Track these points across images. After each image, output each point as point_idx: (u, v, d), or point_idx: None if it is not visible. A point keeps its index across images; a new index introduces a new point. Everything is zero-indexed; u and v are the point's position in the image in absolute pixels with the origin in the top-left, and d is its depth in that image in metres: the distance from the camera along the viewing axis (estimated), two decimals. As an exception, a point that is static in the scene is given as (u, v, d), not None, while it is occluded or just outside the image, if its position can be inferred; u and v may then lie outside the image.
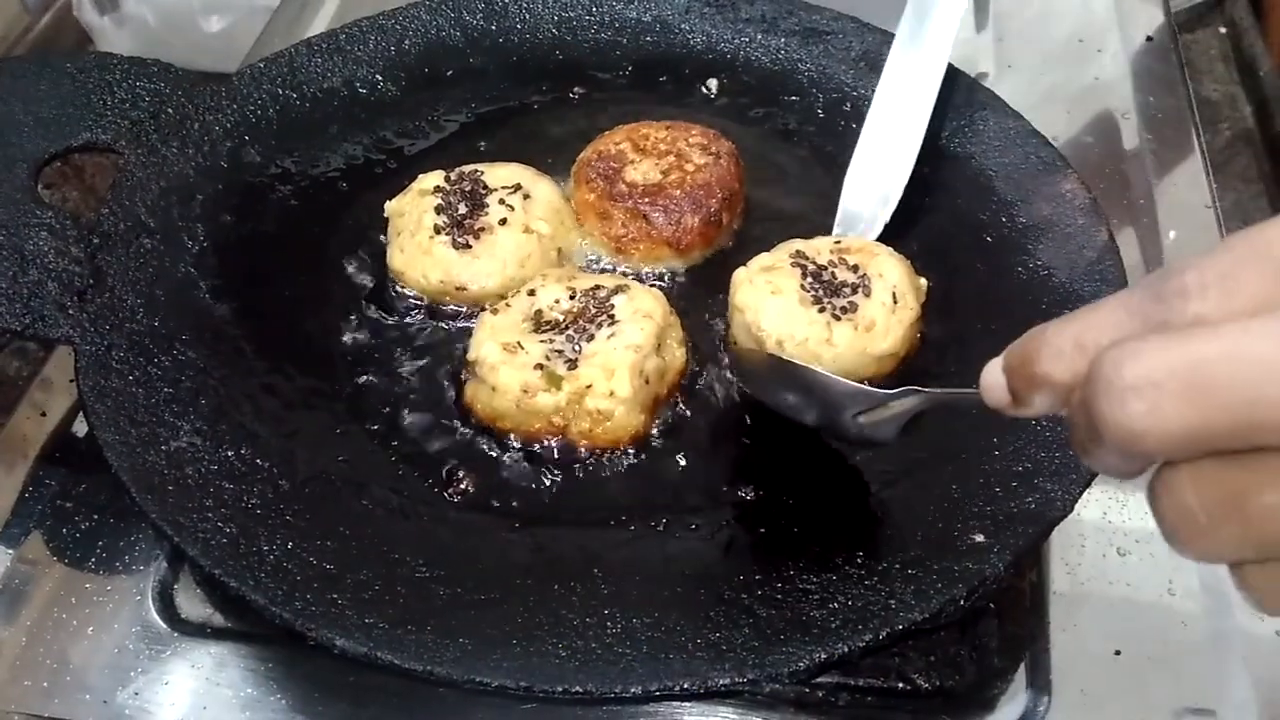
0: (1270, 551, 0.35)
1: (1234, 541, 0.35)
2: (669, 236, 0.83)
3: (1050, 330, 0.40)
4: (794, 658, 0.58)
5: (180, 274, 0.81)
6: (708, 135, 0.89)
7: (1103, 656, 0.69)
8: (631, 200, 0.84)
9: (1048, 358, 0.40)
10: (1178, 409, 0.34)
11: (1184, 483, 0.36)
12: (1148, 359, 0.34)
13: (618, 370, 0.71)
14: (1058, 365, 0.40)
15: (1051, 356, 0.40)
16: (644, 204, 0.84)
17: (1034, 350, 0.40)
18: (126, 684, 0.68)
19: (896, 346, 0.75)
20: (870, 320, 0.74)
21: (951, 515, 0.66)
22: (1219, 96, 1.16)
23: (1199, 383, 0.33)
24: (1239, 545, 0.36)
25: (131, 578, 0.73)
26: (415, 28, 1.00)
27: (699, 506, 0.69)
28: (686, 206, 0.84)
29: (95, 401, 0.69)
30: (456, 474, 0.71)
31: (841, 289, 0.75)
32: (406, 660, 0.58)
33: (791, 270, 0.76)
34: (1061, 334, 0.40)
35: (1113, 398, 0.35)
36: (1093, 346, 0.37)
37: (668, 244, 0.83)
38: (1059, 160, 0.86)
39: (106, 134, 0.86)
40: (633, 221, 0.84)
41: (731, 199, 0.86)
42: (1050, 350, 0.40)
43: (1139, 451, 0.35)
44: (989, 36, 1.16)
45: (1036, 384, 0.41)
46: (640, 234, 0.84)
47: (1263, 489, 0.34)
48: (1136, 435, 0.34)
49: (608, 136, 0.90)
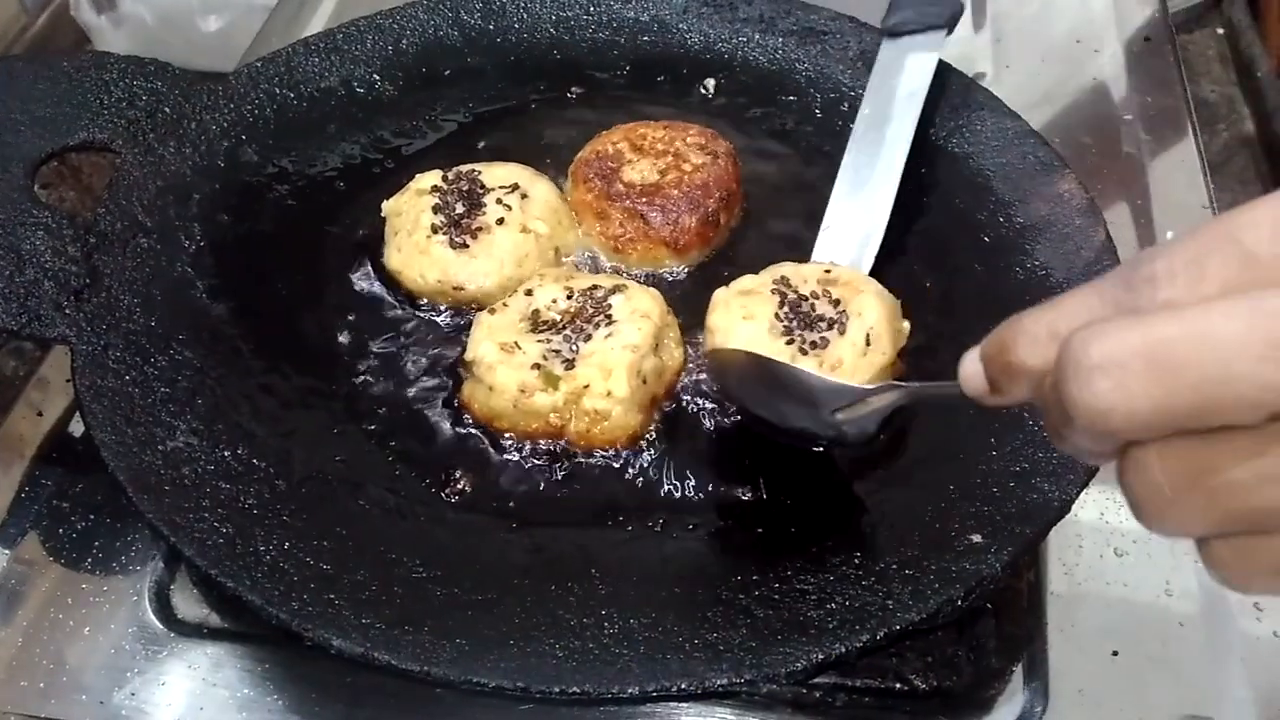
0: (1233, 526, 0.36)
1: (1199, 516, 0.36)
2: (666, 237, 0.83)
3: (1026, 319, 0.41)
4: (791, 658, 0.58)
5: (177, 273, 0.80)
6: (705, 135, 0.89)
7: (1100, 657, 0.69)
8: (629, 200, 0.84)
9: (1023, 346, 0.40)
10: (1143, 388, 0.34)
11: (1151, 460, 0.36)
12: (1113, 339, 0.35)
13: (615, 370, 0.71)
14: (1033, 352, 0.40)
15: (1027, 344, 0.40)
16: (641, 204, 0.84)
17: (1010, 339, 0.41)
18: (123, 684, 0.68)
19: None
20: (838, 359, 0.72)
21: (949, 516, 0.65)
22: (1216, 97, 1.16)
23: (1163, 362, 0.34)
24: (1203, 520, 0.36)
25: (128, 578, 0.73)
26: (413, 27, 1.00)
27: (696, 507, 0.69)
28: (684, 207, 0.84)
29: (92, 401, 0.69)
30: (454, 474, 0.71)
31: (817, 323, 0.73)
32: (403, 661, 0.58)
33: (770, 297, 0.75)
34: (1037, 322, 0.40)
35: (1080, 378, 0.35)
36: (1065, 333, 0.38)
37: (665, 244, 0.83)
38: (1056, 160, 0.86)
39: (103, 133, 0.86)
40: (630, 221, 0.84)
41: (729, 199, 0.86)
42: (1026, 338, 0.40)
43: (1106, 430, 0.36)
44: (987, 36, 1.16)
45: (1013, 372, 0.41)
46: (638, 234, 0.84)
47: (1226, 466, 0.35)
48: (1103, 414, 0.35)
49: (605, 136, 0.90)
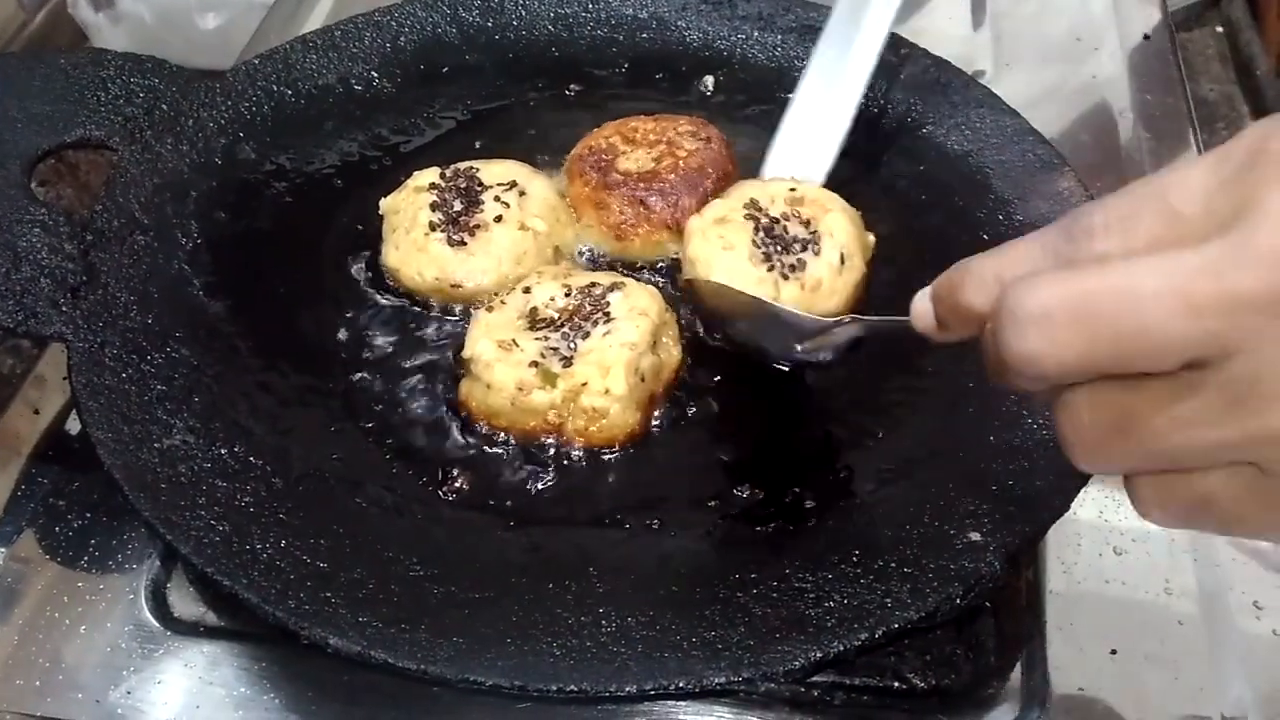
0: (1154, 464, 0.40)
1: (1122, 455, 0.40)
2: (668, 219, 0.83)
3: (974, 263, 0.44)
4: (789, 656, 0.58)
5: (174, 271, 0.80)
6: (695, 123, 0.90)
7: (1099, 656, 0.69)
8: (627, 188, 0.84)
9: (970, 287, 0.44)
10: (1069, 338, 0.37)
11: (1080, 403, 0.40)
12: (1044, 291, 0.38)
13: (613, 368, 0.71)
14: (979, 295, 0.43)
15: (974, 286, 0.44)
16: (640, 190, 0.84)
17: (959, 280, 0.45)
18: (119, 683, 0.67)
19: (841, 305, 0.78)
20: (817, 280, 0.77)
21: (947, 514, 0.65)
22: (1216, 95, 1.16)
23: (1087, 315, 0.37)
24: (1127, 459, 0.40)
25: (124, 576, 0.73)
26: (411, 24, 1.00)
27: (695, 505, 0.69)
28: (682, 189, 0.84)
29: (88, 399, 0.69)
30: (451, 472, 0.71)
31: (792, 245, 0.78)
32: (400, 659, 0.58)
33: (744, 223, 0.79)
34: (984, 266, 0.44)
35: (1014, 327, 0.38)
36: (1009, 279, 0.40)
37: (666, 227, 0.84)
38: (1056, 158, 0.86)
39: (100, 130, 0.86)
40: (630, 208, 0.84)
41: (725, 178, 0.86)
42: (973, 280, 0.44)
43: (1038, 375, 0.39)
44: (986, 34, 1.16)
45: (960, 312, 0.45)
46: (639, 219, 0.84)
47: (1146, 410, 0.38)
48: (1034, 360, 0.38)
49: (597, 132, 0.90)
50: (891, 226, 0.85)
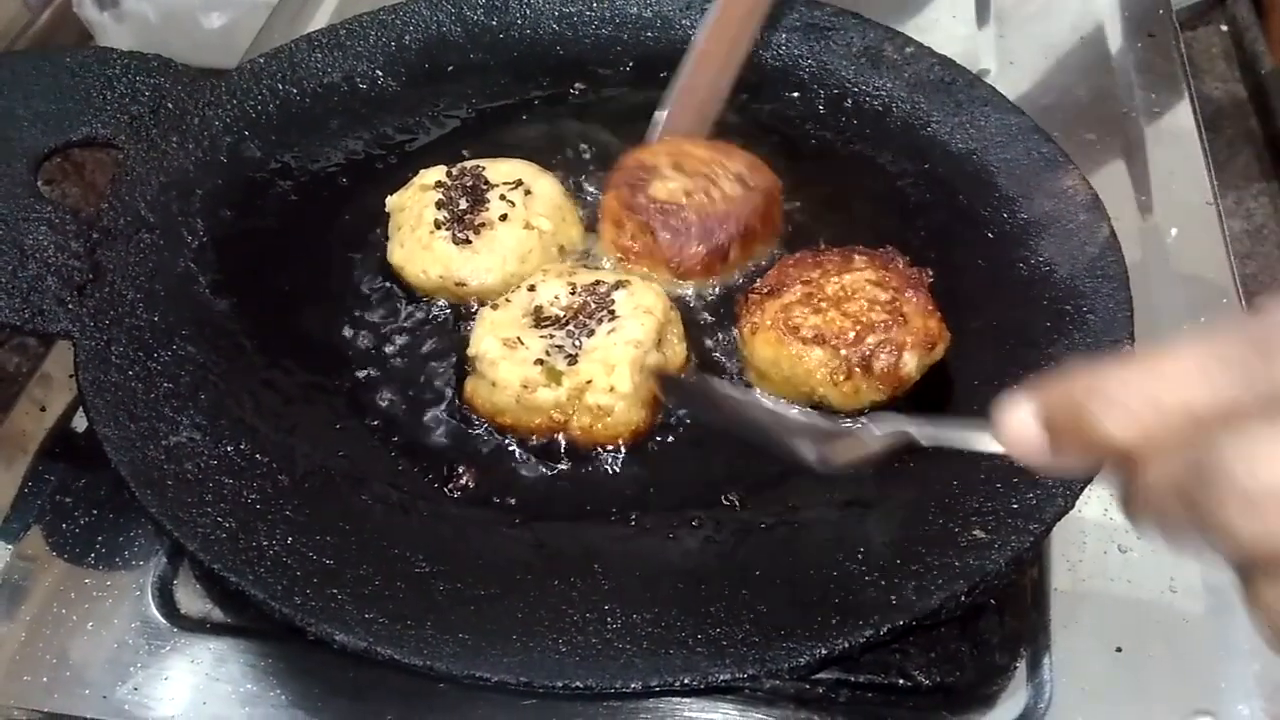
0: None
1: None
2: (669, 259, 0.81)
3: (1113, 381, 0.34)
4: (794, 653, 0.58)
5: (180, 269, 0.80)
6: (751, 164, 0.85)
7: (1104, 653, 0.69)
8: (646, 214, 0.81)
9: (1112, 415, 0.33)
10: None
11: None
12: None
13: (618, 366, 0.71)
14: (1124, 425, 0.33)
15: (1118, 414, 0.33)
16: (656, 220, 0.81)
17: (1087, 402, 0.34)
18: (126, 679, 0.68)
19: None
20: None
21: (952, 511, 0.65)
22: (1220, 94, 1.15)
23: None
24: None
25: (131, 573, 0.73)
26: (416, 23, 1.00)
27: (700, 502, 0.69)
28: (695, 234, 0.81)
29: (95, 396, 0.69)
30: (456, 469, 0.71)
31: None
32: (406, 655, 0.58)
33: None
34: (1128, 387, 0.33)
35: (1245, 505, 0.30)
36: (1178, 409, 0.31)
37: (666, 266, 0.81)
38: (1060, 156, 0.86)
39: (106, 129, 0.86)
40: (641, 235, 0.82)
41: (749, 235, 0.82)
42: (1115, 408, 0.33)
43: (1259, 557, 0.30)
44: (990, 32, 1.16)
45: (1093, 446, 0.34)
46: (644, 249, 0.82)
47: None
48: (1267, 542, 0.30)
49: (650, 147, 0.87)
50: (894, 225, 0.85)
